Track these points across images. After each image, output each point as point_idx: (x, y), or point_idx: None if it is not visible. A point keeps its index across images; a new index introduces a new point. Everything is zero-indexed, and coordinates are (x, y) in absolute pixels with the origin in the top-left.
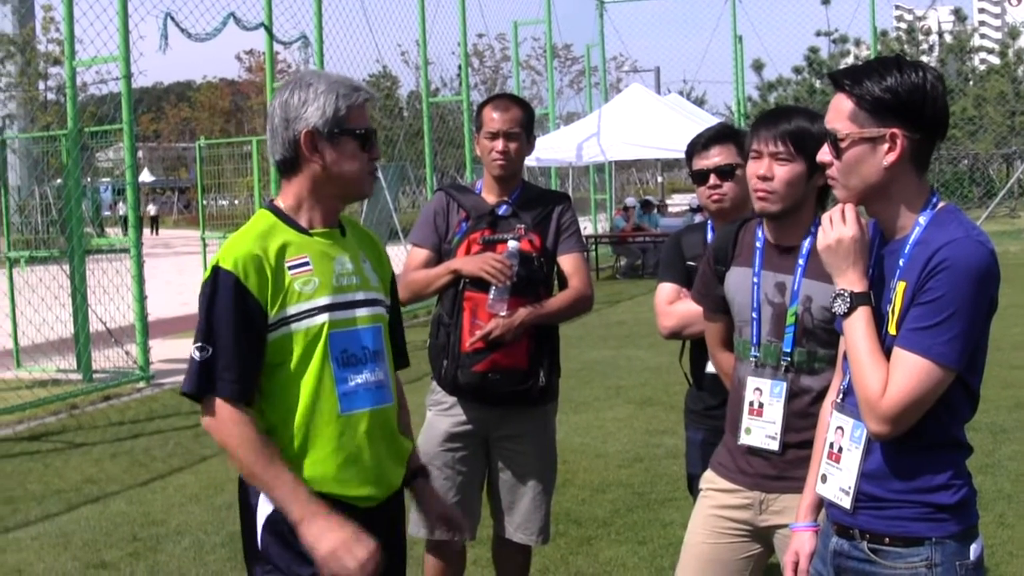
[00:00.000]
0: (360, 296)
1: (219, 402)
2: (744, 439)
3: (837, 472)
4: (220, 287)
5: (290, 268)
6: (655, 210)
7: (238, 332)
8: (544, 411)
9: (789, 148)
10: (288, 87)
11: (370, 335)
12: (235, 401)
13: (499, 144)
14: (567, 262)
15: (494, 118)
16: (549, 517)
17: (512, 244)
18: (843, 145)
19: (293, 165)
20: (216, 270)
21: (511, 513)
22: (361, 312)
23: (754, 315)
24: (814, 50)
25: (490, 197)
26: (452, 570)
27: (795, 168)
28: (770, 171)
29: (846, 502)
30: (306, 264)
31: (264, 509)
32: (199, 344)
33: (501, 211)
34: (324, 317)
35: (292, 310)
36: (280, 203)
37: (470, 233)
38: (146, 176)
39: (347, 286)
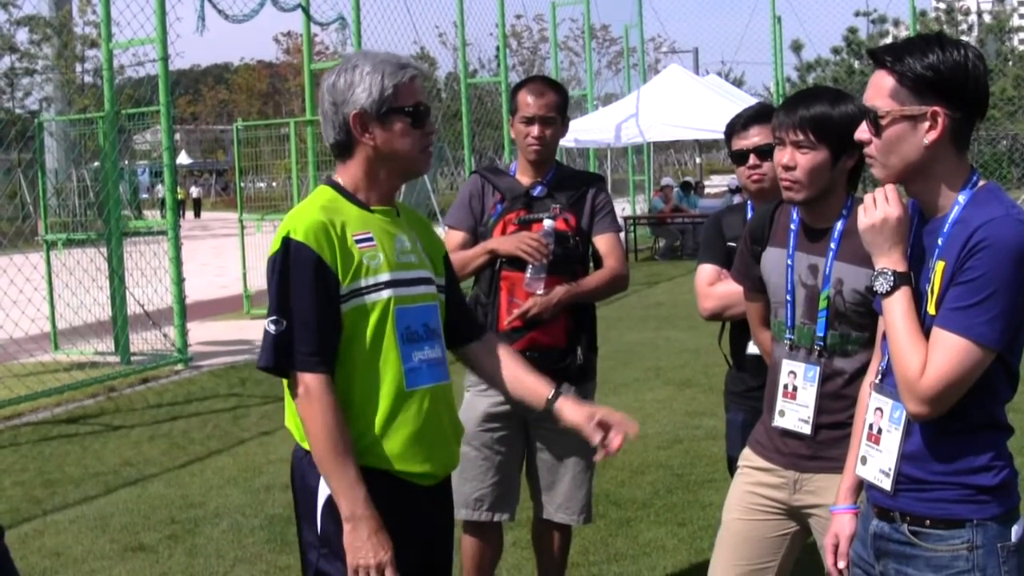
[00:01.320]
0: (419, 274)
1: (301, 376)
2: (778, 421)
3: (877, 454)
4: (293, 257)
5: (357, 241)
6: (693, 191)
7: (313, 303)
8: (583, 390)
9: (809, 136)
10: (335, 70)
11: (429, 312)
12: (315, 374)
13: (535, 129)
14: (602, 242)
15: (529, 103)
16: (591, 496)
17: (548, 223)
18: (883, 123)
19: (347, 147)
20: (287, 241)
21: (552, 493)
22: (421, 290)
23: (788, 297)
24: (853, 30)
25: (524, 179)
26: (491, 551)
27: (817, 156)
28: (793, 160)
29: (886, 484)
30: (371, 239)
31: (326, 491)
32: (273, 318)
33: (536, 192)
34: (391, 292)
35: (364, 283)
36: (339, 180)
37: (505, 214)
38: (183, 159)
39: (407, 263)
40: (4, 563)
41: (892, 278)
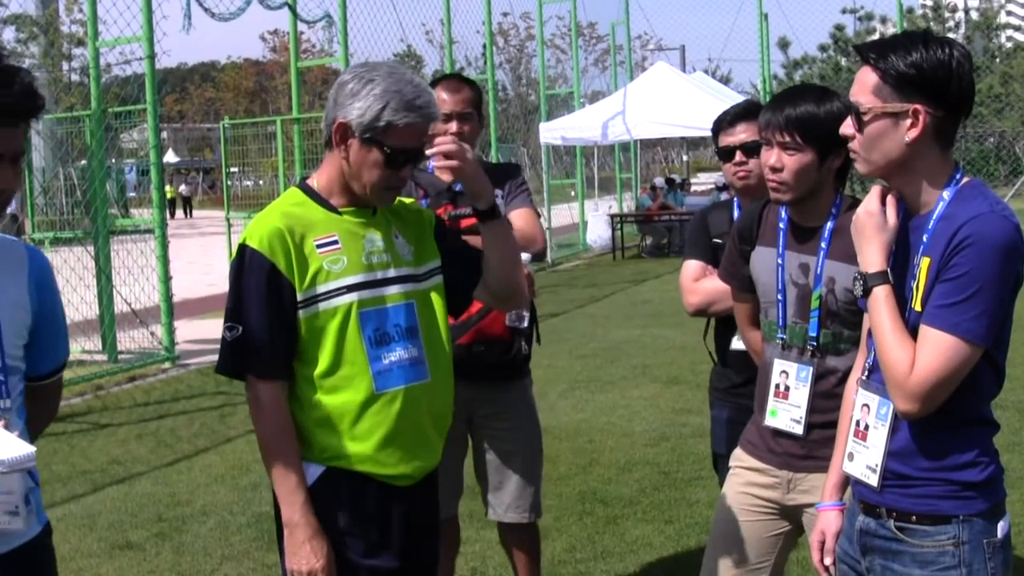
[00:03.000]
0: (391, 273)
1: (251, 382)
2: (769, 421)
3: (864, 450)
4: (247, 265)
5: (319, 246)
6: (680, 188)
7: (266, 310)
8: (523, 385)
9: (796, 138)
10: (356, 70)
11: (402, 312)
12: (266, 379)
13: (452, 126)
14: (515, 217)
15: (445, 99)
16: (539, 491)
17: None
18: (866, 119)
19: (329, 145)
20: (243, 248)
21: (500, 493)
22: (392, 290)
23: (779, 296)
24: (840, 28)
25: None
26: (446, 543)
27: (804, 157)
28: (780, 162)
29: (873, 480)
30: (335, 243)
31: None
32: (228, 324)
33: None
34: (353, 296)
35: (321, 288)
36: (313, 181)
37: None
38: (170, 157)
39: (377, 264)
40: (49, 563)
41: (862, 281)
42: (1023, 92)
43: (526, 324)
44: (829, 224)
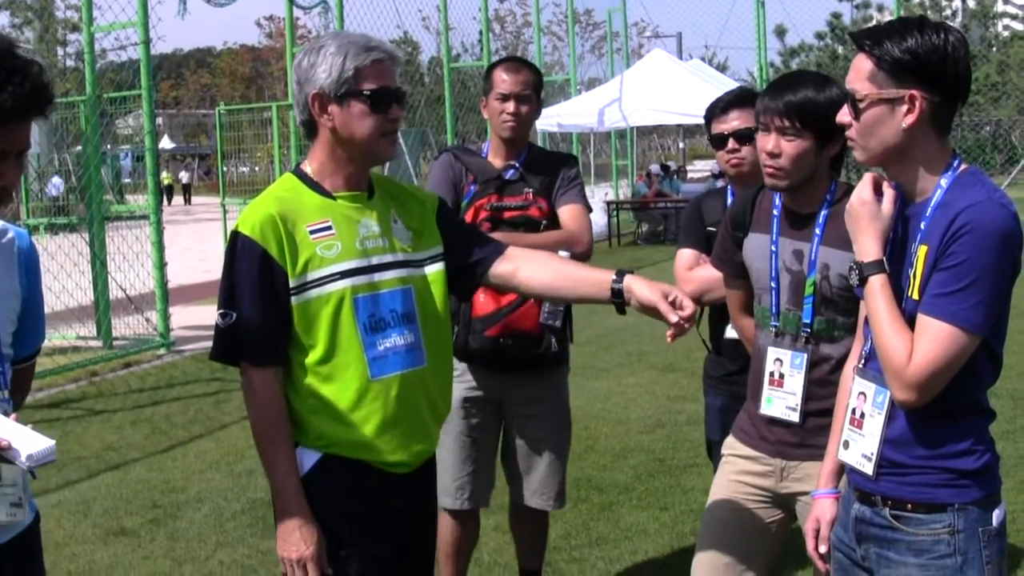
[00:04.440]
0: (387, 259)
1: (245, 368)
2: (765, 409)
3: (859, 438)
4: (239, 252)
5: (312, 232)
6: (675, 175)
7: (259, 297)
8: (557, 374)
9: (795, 123)
10: (304, 50)
11: (398, 298)
12: (260, 366)
13: (510, 106)
14: (563, 212)
15: (505, 79)
16: (565, 482)
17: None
18: (862, 106)
19: (311, 128)
20: (235, 235)
21: (527, 479)
22: (387, 275)
23: (773, 284)
24: (837, 16)
25: (496, 160)
26: (467, 537)
27: (802, 144)
28: (777, 147)
29: (868, 468)
30: (328, 228)
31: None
32: (221, 311)
33: (508, 175)
34: (347, 282)
35: (314, 275)
36: (307, 167)
37: (477, 199)
38: (166, 143)
39: (372, 249)
40: (39, 550)
41: (858, 271)
42: (1019, 81)
43: (559, 322)
44: (824, 211)
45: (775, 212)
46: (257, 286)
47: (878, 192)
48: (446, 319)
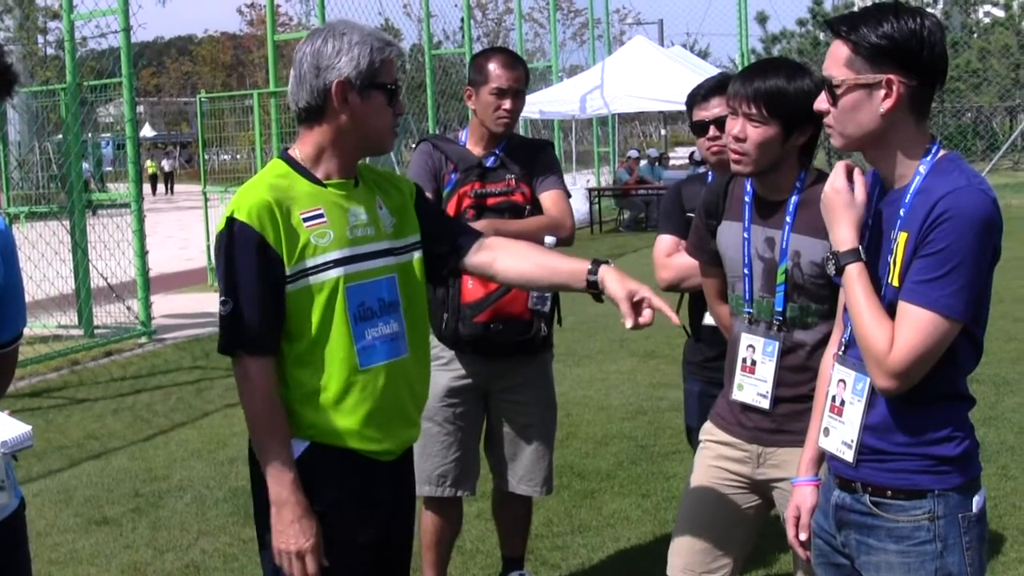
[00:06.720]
0: (375, 247)
1: (241, 357)
2: (736, 395)
3: (839, 425)
4: (236, 238)
5: (305, 220)
6: (657, 162)
7: (256, 284)
8: (543, 360)
9: (762, 110)
10: (321, 34)
11: (385, 286)
12: (254, 357)
13: (507, 103)
14: (546, 198)
15: (502, 75)
16: (552, 467)
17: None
18: (839, 92)
19: (318, 114)
20: (231, 221)
21: (514, 466)
22: (376, 264)
23: (745, 271)
24: (818, 2)
25: (476, 149)
26: (450, 526)
27: (768, 131)
28: (743, 132)
29: (848, 455)
30: (320, 216)
31: None
32: (223, 298)
33: (489, 163)
34: (339, 271)
35: (311, 263)
36: (296, 153)
37: (459, 187)
38: (147, 131)
39: (361, 237)
40: (25, 537)
41: (834, 260)
42: (1000, 68)
43: (548, 307)
44: (794, 198)
45: (747, 199)
46: (255, 273)
47: (851, 180)
48: (425, 306)
